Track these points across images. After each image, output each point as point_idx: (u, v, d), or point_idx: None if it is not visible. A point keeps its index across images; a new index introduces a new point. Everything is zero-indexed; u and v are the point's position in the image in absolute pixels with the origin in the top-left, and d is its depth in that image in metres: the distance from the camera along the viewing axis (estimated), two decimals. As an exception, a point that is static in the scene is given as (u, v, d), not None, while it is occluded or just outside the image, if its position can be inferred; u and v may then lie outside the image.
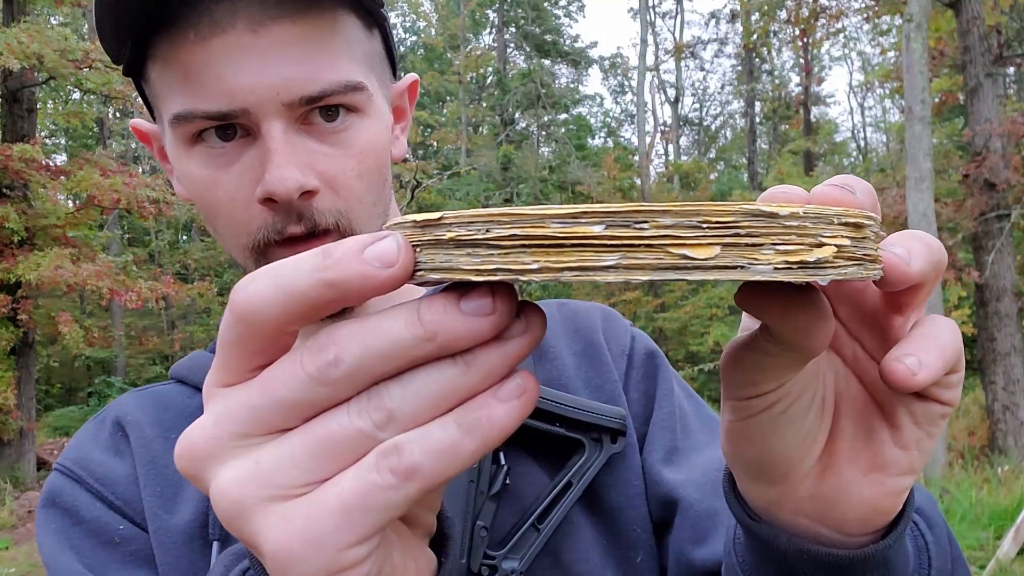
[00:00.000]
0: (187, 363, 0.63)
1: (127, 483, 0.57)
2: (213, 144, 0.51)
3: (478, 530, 0.51)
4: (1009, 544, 5.06)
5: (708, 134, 29.30)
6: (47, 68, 8.29)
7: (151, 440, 0.58)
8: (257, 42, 0.48)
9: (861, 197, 0.28)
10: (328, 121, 0.52)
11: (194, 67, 0.49)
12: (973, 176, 7.68)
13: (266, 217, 0.50)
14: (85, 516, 0.56)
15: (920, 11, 6.89)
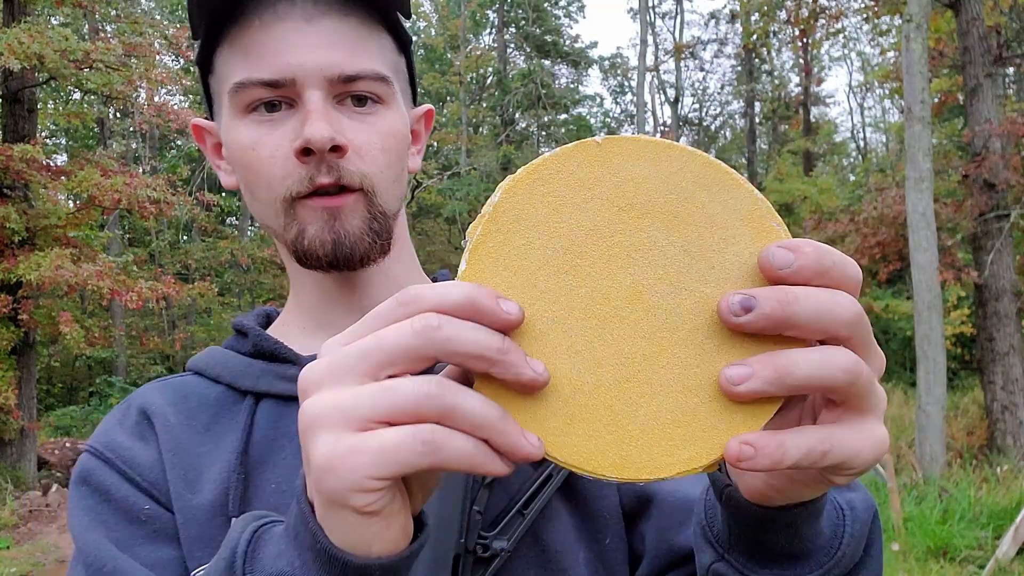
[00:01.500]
0: (204, 357, 0.68)
1: (151, 467, 0.61)
2: (262, 114, 0.60)
3: (473, 514, 0.57)
4: (1008, 543, 5.07)
5: (708, 134, 29.31)
6: (48, 68, 8.29)
7: (175, 426, 0.63)
8: (309, 30, 0.59)
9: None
10: (358, 106, 0.61)
11: (255, 46, 0.59)
12: (972, 176, 7.69)
13: (300, 171, 0.59)
14: (114, 495, 0.60)
15: (920, 11, 6.90)
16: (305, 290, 0.68)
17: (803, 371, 0.34)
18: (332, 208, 0.60)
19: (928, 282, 6.78)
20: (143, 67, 9.34)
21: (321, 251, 0.60)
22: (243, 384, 0.64)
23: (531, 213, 0.36)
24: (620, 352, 0.36)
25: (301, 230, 0.60)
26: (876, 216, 8.84)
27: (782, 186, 15.08)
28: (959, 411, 8.87)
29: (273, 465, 0.61)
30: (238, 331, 0.69)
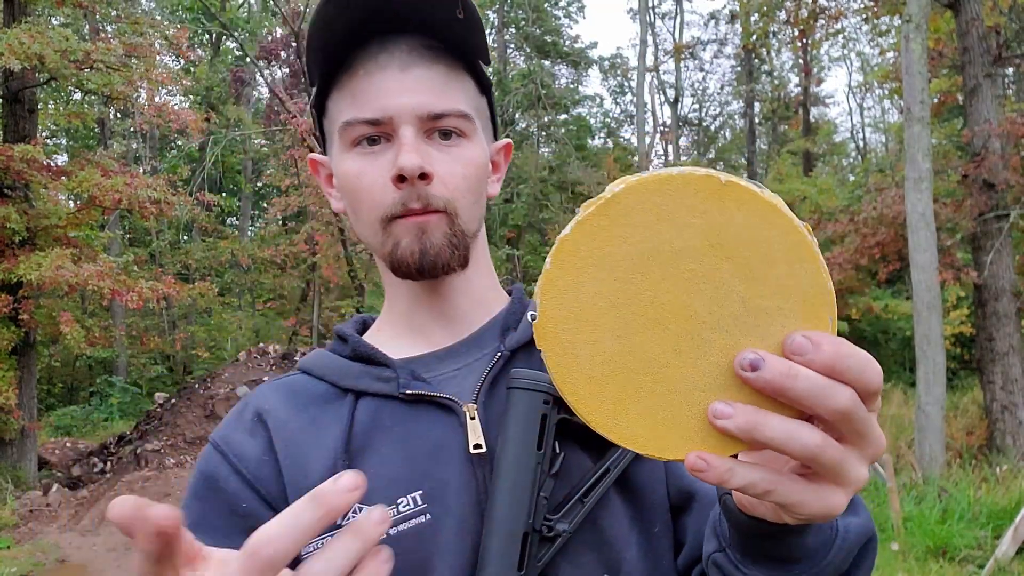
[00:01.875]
0: (312, 359, 0.79)
1: (258, 464, 0.71)
2: (365, 148, 0.72)
3: (540, 499, 0.64)
4: (1008, 543, 5.08)
5: (708, 134, 29.31)
6: (48, 69, 8.29)
7: (286, 421, 0.73)
8: (404, 77, 0.70)
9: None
10: (444, 139, 0.72)
11: (360, 92, 0.71)
12: (972, 176, 7.69)
13: (395, 196, 0.70)
14: (223, 486, 0.71)
15: (919, 12, 6.90)
16: (399, 299, 0.79)
17: (769, 433, 0.40)
18: (420, 223, 0.71)
19: (927, 282, 6.79)
20: (144, 67, 9.34)
21: (411, 259, 0.71)
22: (344, 383, 0.74)
23: (639, 212, 0.42)
24: (650, 351, 0.42)
25: (395, 243, 0.72)
26: (875, 216, 8.85)
27: (782, 186, 15.09)
28: (958, 411, 8.88)
29: (371, 452, 0.70)
30: (340, 337, 0.79)
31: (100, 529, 7.23)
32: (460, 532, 0.66)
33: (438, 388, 0.72)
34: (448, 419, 0.70)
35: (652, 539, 0.71)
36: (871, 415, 0.43)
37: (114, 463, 9.47)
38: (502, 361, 0.73)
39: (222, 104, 18.86)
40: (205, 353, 16.62)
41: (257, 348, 12.13)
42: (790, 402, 0.41)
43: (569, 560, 0.66)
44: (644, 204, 0.42)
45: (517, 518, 0.63)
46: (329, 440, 0.71)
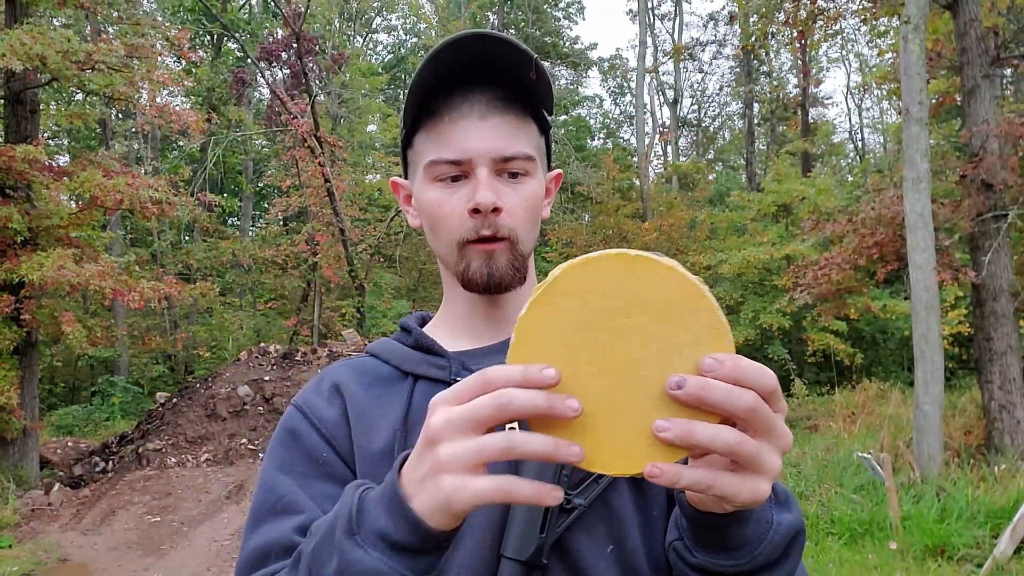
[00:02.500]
0: (379, 345, 0.94)
1: (335, 424, 0.85)
2: (447, 183, 0.85)
3: (562, 476, 0.77)
4: (1006, 542, 5.10)
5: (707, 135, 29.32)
6: (50, 69, 8.31)
7: (356, 394, 0.87)
8: (483, 125, 0.83)
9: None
10: (512, 178, 0.85)
11: (445, 135, 0.84)
12: (970, 177, 7.71)
13: (469, 223, 0.83)
14: (304, 440, 0.85)
15: (918, 13, 6.93)
16: (458, 303, 0.93)
17: (699, 438, 0.52)
18: (489, 251, 0.84)
19: (926, 282, 6.81)
20: (145, 68, 9.36)
21: (480, 280, 0.85)
22: (406, 367, 0.88)
23: (575, 289, 0.54)
24: (603, 394, 0.54)
25: (467, 265, 0.85)
26: (874, 216, 8.86)
27: (780, 187, 15.11)
28: (957, 410, 8.89)
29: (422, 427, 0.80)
30: (404, 329, 0.94)
31: (102, 528, 7.25)
32: None
33: None
34: None
35: (650, 520, 0.83)
36: (776, 414, 0.55)
37: (115, 462, 9.50)
38: None
39: (223, 105, 18.87)
40: (206, 353, 16.64)
41: (258, 348, 12.15)
42: (711, 409, 0.52)
43: (584, 531, 0.78)
44: (578, 282, 0.54)
45: None
46: (391, 414, 0.85)
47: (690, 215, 17.47)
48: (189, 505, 7.73)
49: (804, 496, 6.57)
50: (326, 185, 14.23)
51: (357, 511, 0.62)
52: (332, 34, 20.89)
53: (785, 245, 13.77)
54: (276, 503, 0.80)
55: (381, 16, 26.02)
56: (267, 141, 19.56)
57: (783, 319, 13.36)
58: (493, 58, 0.81)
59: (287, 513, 0.79)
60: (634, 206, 18.93)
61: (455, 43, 0.80)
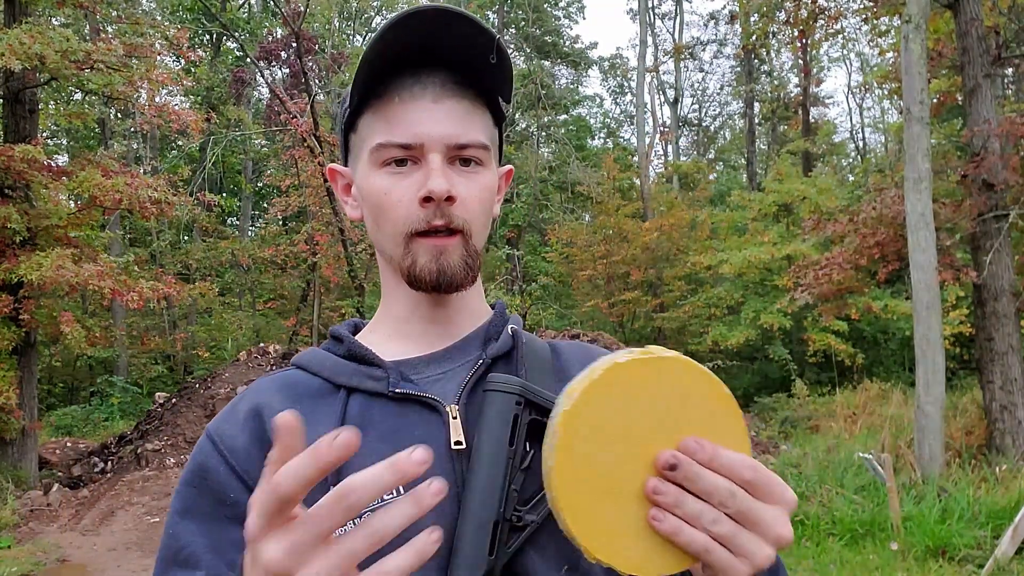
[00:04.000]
0: (307, 356, 0.85)
1: (247, 458, 0.76)
2: (393, 168, 0.78)
3: (511, 491, 0.71)
4: (1007, 543, 5.09)
5: (707, 135, 29.31)
6: (49, 69, 8.30)
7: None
8: (436, 108, 0.77)
9: None
10: (464, 166, 0.79)
11: (395, 117, 0.77)
12: (971, 177, 7.69)
13: (420, 213, 0.77)
14: (212, 476, 0.76)
15: (919, 12, 6.91)
16: (398, 304, 0.85)
17: (684, 538, 0.55)
18: (439, 246, 0.78)
19: (927, 282, 6.79)
20: (144, 68, 9.34)
21: (428, 277, 0.78)
22: (338, 380, 0.80)
23: (615, 387, 0.56)
24: (626, 487, 0.56)
25: (414, 261, 0.78)
26: (875, 216, 8.84)
27: (781, 186, 15.10)
28: (958, 411, 8.87)
29: (361, 444, 0.75)
30: (335, 337, 0.85)
31: (100, 529, 7.24)
32: (439, 520, 0.70)
33: (424, 389, 0.78)
34: (432, 417, 0.76)
35: None
36: (759, 504, 0.56)
37: (115, 463, 9.48)
38: (483, 367, 0.80)
39: (222, 104, 18.87)
40: (205, 353, 16.63)
41: (257, 348, 12.15)
42: (697, 492, 0.55)
43: (537, 550, 0.72)
44: (618, 380, 0.56)
45: (489, 507, 0.69)
46: (323, 431, 0.72)
47: (691, 215, 17.46)
48: (188, 506, 7.71)
49: (805, 496, 6.55)
50: (325, 185, 14.21)
51: None
52: (332, 33, 20.86)
53: (786, 245, 13.75)
54: (178, 553, 0.73)
55: (381, 16, 26.01)
56: (266, 141, 19.56)
57: (784, 319, 13.34)
58: (450, 37, 0.75)
59: (187, 566, 0.72)
60: (634, 206, 18.91)
61: (410, 17, 0.73)
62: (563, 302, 21.09)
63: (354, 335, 0.87)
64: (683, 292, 17.24)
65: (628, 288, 17.33)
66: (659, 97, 26.05)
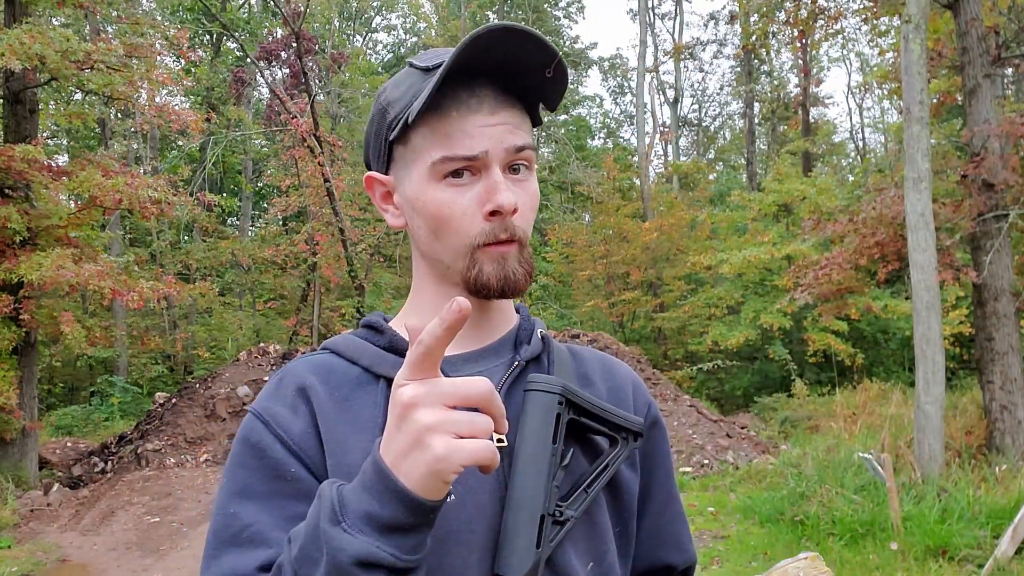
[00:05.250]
0: (342, 341, 0.87)
1: (302, 435, 0.78)
2: (452, 180, 0.80)
3: (553, 487, 0.75)
4: (1007, 543, 5.09)
5: (707, 135, 29.31)
6: (49, 69, 8.30)
7: (325, 401, 0.80)
8: (493, 120, 0.79)
9: None
10: (514, 174, 0.82)
11: (455, 131, 0.79)
12: (971, 177, 7.69)
13: (485, 226, 0.80)
14: (268, 454, 0.77)
15: (918, 12, 6.91)
16: (438, 307, 0.85)
17: None
18: (502, 253, 0.81)
19: (927, 282, 6.79)
20: (144, 68, 9.34)
21: (495, 284, 0.81)
22: (378, 370, 0.82)
23: None
24: None
25: (480, 269, 0.81)
26: (875, 216, 8.83)
27: (781, 186, 15.09)
28: (958, 411, 8.87)
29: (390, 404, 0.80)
30: (373, 328, 0.88)
31: (101, 528, 7.24)
32: (479, 514, 0.76)
33: None
34: None
35: (625, 531, 0.86)
36: None
37: (115, 463, 9.49)
38: (518, 369, 0.85)
39: (223, 104, 18.86)
40: (206, 353, 16.63)
41: (258, 348, 12.14)
42: None
43: (572, 544, 0.77)
44: None
45: (536, 502, 0.73)
46: (365, 421, 0.79)
47: (691, 215, 17.46)
48: (188, 506, 7.71)
49: (805, 496, 6.55)
50: (326, 185, 14.22)
51: (339, 502, 0.61)
52: (332, 33, 20.87)
53: (786, 245, 13.74)
54: (240, 532, 0.74)
55: (381, 15, 26.01)
56: (267, 141, 19.56)
57: (784, 319, 13.34)
58: (508, 52, 0.77)
59: (252, 544, 0.73)
60: (634, 206, 18.91)
61: (482, 36, 0.74)
62: (563, 302, 21.09)
63: None
64: (683, 292, 17.24)
65: (628, 288, 17.33)
66: (659, 97, 26.05)
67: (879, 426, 8.92)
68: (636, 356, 13.12)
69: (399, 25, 28.46)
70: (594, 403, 0.81)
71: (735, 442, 9.39)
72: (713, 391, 15.48)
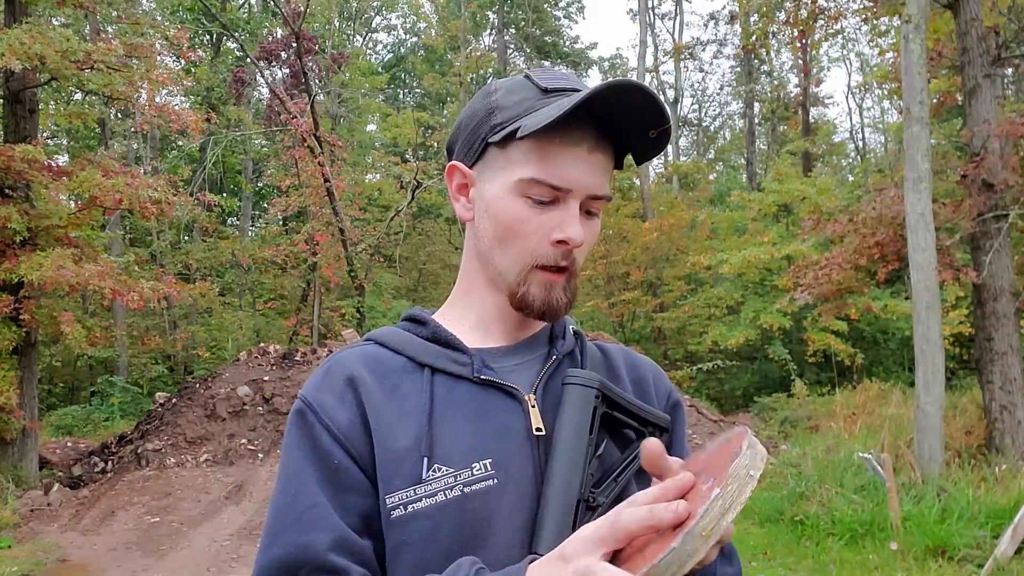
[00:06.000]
0: (386, 334, 0.91)
1: (348, 425, 0.82)
2: (534, 201, 0.84)
3: (588, 476, 0.79)
4: (1007, 543, 5.09)
5: (707, 135, 29.31)
6: (49, 69, 8.30)
7: (373, 390, 0.84)
8: (589, 158, 0.84)
9: None
10: (587, 216, 0.87)
11: (551, 157, 0.83)
12: (971, 177, 7.69)
13: (549, 251, 0.85)
14: (318, 442, 0.81)
15: (918, 12, 6.91)
16: (485, 306, 0.92)
17: None
18: (552, 281, 0.86)
19: (927, 282, 6.79)
20: (144, 68, 9.34)
21: (536, 306, 0.86)
22: (422, 359, 0.86)
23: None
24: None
25: (528, 288, 0.86)
26: (875, 216, 8.83)
27: (781, 186, 15.09)
28: (957, 411, 8.86)
29: (448, 422, 0.83)
30: (416, 320, 0.92)
31: (101, 528, 7.24)
32: (519, 498, 0.80)
33: (503, 378, 0.86)
34: (512, 404, 0.84)
35: None
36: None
37: (115, 463, 9.49)
38: (555, 364, 0.90)
39: (223, 104, 18.86)
40: (206, 353, 16.63)
41: (258, 348, 12.14)
42: None
43: None
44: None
45: (572, 489, 0.78)
46: (411, 408, 0.83)
47: (691, 215, 17.46)
48: (189, 505, 7.71)
49: (805, 496, 6.56)
50: (326, 185, 14.22)
51: None
52: (332, 33, 20.86)
53: (786, 245, 13.75)
54: (303, 513, 0.78)
55: (381, 15, 26.01)
56: (267, 141, 19.56)
57: (784, 319, 13.34)
58: (623, 101, 0.80)
59: (315, 526, 0.77)
60: (634, 206, 18.91)
61: (614, 87, 0.78)
62: (563, 302, 21.05)
63: None
64: (683, 292, 17.24)
65: (628, 288, 17.33)
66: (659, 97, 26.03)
67: (879, 426, 8.92)
68: (636, 356, 13.10)
69: (399, 25, 28.47)
70: (626, 399, 0.87)
71: (735, 442, 9.35)
72: (713, 391, 15.48)
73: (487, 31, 26.58)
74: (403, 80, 28.64)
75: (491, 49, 24.13)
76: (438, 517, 0.78)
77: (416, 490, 0.79)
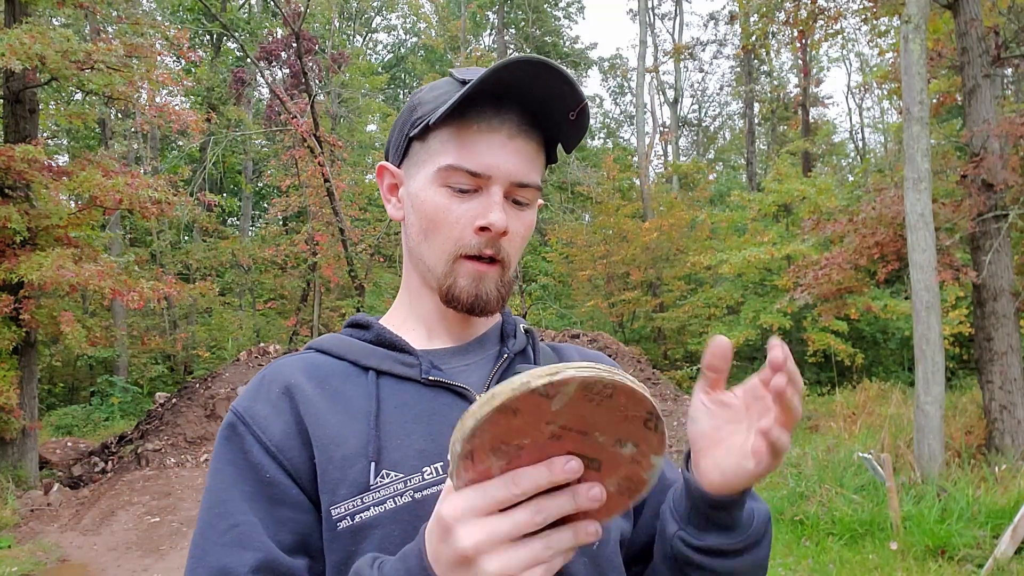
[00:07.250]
0: (326, 340, 0.88)
1: (284, 438, 0.78)
2: (454, 192, 0.82)
3: None
4: (1007, 543, 5.08)
5: (707, 135, 29.31)
6: (49, 69, 8.30)
7: (312, 398, 0.81)
8: (509, 145, 0.82)
9: None
10: (515, 205, 0.84)
11: (471, 144, 0.81)
12: (971, 177, 7.69)
13: (473, 239, 0.82)
14: (249, 456, 0.78)
15: (918, 12, 6.92)
16: (424, 306, 0.90)
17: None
18: (481, 272, 0.83)
19: (926, 282, 6.80)
20: (144, 68, 9.34)
21: (465, 299, 0.83)
22: (366, 363, 0.84)
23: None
24: None
25: (455, 281, 0.83)
26: (874, 216, 8.83)
27: (781, 186, 15.09)
28: (957, 411, 8.86)
29: (396, 425, 0.80)
30: (359, 325, 0.90)
31: (101, 528, 7.24)
32: None
33: (453, 378, 0.84)
34: (463, 405, 0.82)
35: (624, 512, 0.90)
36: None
37: (115, 463, 9.49)
38: (507, 362, 0.88)
39: (223, 104, 18.86)
40: (206, 353, 16.63)
41: (258, 348, 12.15)
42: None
43: None
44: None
45: None
46: (356, 411, 0.80)
47: (690, 215, 17.45)
48: (189, 505, 7.71)
49: (804, 496, 6.56)
50: (326, 185, 14.22)
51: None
52: (332, 34, 20.86)
53: (785, 245, 13.75)
54: (229, 530, 0.74)
55: (381, 16, 26.00)
56: (267, 141, 19.55)
57: (783, 319, 13.34)
58: (538, 83, 0.78)
59: (241, 545, 0.73)
60: (634, 206, 18.91)
61: (520, 63, 0.77)
62: (563, 302, 21.09)
63: None
64: (683, 292, 17.24)
65: (628, 288, 17.33)
66: (659, 97, 26.04)
67: (879, 426, 8.92)
68: (636, 356, 13.12)
69: (399, 25, 28.48)
70: None
71: (735, 442, 9.36)
72: (713, 391, 15.44)
73: (487, 31, 26.58)
74: (403, 80, 28.64)
75: (491, 49, 24.11)
76: (388, 526, 0.74)
77: (363, 499, 0.75)
